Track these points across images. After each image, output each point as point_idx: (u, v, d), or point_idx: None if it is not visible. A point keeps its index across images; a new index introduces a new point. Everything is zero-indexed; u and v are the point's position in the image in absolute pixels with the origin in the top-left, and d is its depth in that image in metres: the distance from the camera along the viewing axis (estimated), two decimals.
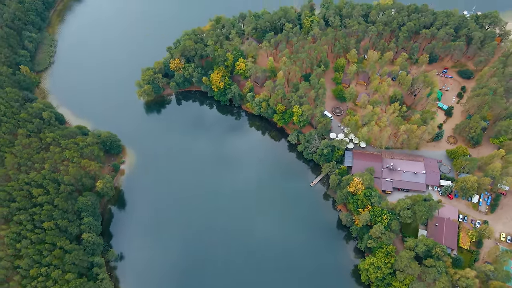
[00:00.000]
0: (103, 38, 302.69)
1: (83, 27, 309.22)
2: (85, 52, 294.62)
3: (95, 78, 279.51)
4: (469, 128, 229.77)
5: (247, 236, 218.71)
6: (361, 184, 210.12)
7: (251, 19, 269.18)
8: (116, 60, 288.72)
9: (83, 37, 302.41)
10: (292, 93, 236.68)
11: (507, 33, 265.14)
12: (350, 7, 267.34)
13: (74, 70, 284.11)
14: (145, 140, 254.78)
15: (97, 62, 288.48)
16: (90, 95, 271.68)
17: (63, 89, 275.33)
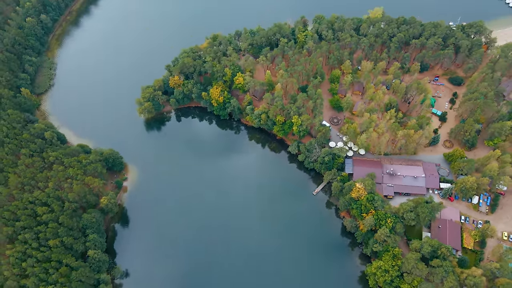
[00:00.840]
0: (101, 60, 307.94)
1: (81, 50, 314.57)
2: (84, 73, 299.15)
3: (95, 98, 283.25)
4: (464, 132, 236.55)
5: (251, 247, 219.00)
6: (363, 190, 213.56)
7: (247, 35, 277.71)
8: (115, 80, 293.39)
9: (82, 60, 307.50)
10: (291, 104, 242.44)
11: (493, 40, 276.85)
12: (342, 21, 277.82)
13: (74, 91, 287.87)
14: (147, 157, 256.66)
15: (96, 83, 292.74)
16: (91, 114, 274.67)
17: (64, 110, 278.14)
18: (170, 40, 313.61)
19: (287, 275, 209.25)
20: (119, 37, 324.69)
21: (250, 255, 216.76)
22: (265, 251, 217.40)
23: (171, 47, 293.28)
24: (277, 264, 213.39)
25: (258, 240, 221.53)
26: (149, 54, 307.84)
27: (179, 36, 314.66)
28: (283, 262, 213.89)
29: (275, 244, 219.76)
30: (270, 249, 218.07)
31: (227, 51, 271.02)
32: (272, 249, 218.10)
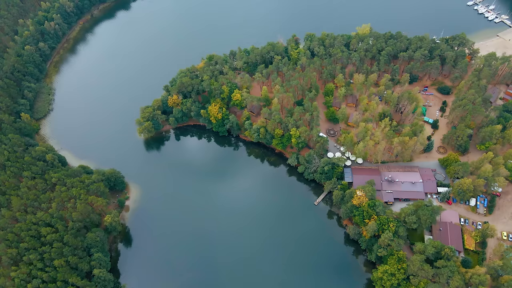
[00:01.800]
0: (98, 84, 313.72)
1: (79, 76, 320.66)
2: (82, 98, 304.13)
3: (94, 121, 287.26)
4: (456, 137, 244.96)
5: (256, 259, 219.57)
6: (364, 196, 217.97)
7: (242, 54, 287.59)
8: (112, 103, 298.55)
9: (80, 85, 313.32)
10: (288, 118, 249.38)
11: (476, 51, 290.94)
12: (332, 38, 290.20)
13: (73, 115, 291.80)
14: (148, 176, 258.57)
15: (94, 106, 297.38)
16: (90, 137, 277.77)
17: (63, 133, 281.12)
18: (165, 62, 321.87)
19: (291, 282, 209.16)
20: (115, 62, 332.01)
21: (254, 268, 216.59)
22: (270, 263, 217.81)
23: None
24: (283, 275, 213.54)
25: (262, 252, 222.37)
26: (145, 76, 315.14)
27: (175, 57, 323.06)
28: (289, 273, 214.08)
29: (280, 256, 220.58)
30: (275, 261, 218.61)
31: (223, 69, 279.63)
32: (278, 260, 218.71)
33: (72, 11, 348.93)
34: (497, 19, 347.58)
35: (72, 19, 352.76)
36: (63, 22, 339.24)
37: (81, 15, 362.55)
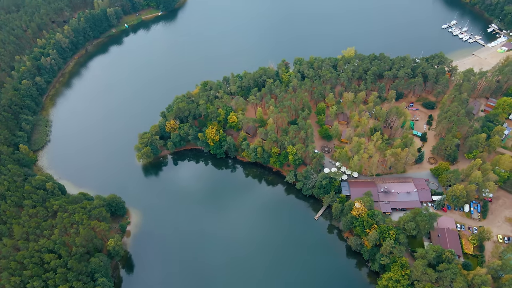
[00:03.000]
0: (95, 114, 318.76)
1: (75, 107, 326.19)
2: (79, 129, 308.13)
3: (92, 150, 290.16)
4: (444, 147, 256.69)
5: (260, 278, 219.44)
6: (363, 207, 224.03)
7: (235, 79, 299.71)
8: (110, 132, 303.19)
9: (76, 116, 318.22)
10: (284, 136, 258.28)
11: (454, 68, 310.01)
12: (320, 61, 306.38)
13: (70, 145, 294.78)
14: (148, 201, 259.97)
15: (91, 136, 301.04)
16: (88, 166, 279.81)
17: (61, 163, 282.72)
18: (160, 91, 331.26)
19: None
20: (110, 94, 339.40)
21: (258, 285, 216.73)
22: (274, 279, 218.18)
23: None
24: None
25: (266, 270, 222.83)
26: (141, 105, 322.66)
27: (169, 86, 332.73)
28: (290, 286, 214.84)
29: (284, 273, 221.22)
30: (279, 277, 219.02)
31: (218, 94, 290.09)
32: (281, 277, 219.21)
33: (67, 46, 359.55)
34: (471, 40, 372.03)
35: (67, 54, 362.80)
36: (59, 57, 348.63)
37: (76, 50, 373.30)
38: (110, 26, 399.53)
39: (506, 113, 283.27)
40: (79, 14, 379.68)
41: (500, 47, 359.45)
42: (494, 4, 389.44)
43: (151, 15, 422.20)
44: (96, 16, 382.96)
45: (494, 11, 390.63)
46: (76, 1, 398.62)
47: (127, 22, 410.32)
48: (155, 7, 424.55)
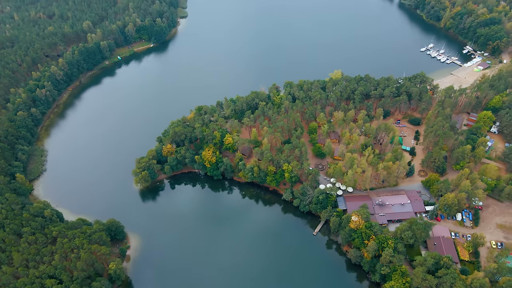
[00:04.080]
0: (90, 143, 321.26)
1: (69, 138, 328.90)
2: (75, 157, 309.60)
3: (88, 178, 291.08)
4: (433, 159, 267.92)
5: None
6: (360, 219, 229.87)
7: (229, 103, 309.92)
8: (105, 159, 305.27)
9: (72, 145, 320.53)
10: (279, 155, 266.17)
11: (436, 86, 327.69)
12: (309, 83, 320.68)
13: (66, 174, 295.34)
14: (147, 225, 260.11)
15: (87, 164, 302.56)
16: (85, 193, 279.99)
17: (57, 192, 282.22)
18: (155, 118, 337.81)
19: None
20: (104, 122, 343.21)
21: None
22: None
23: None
24: None
25: None
26: (136, 132, 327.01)
27: (163, 112, 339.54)
28: None
29: None
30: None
31: (213, 117, 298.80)
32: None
33: (62, 78, 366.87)
34: (448, 61, 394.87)
35: (62, 86, 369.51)
36: (53, 89, 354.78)
37: (70, 82, 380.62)
38: (103, 58, 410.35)
39: (488, 126, 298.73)
40: (73, 47, 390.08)
41: (476, 66, 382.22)
42: (467, 28, 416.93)
43: (143, 47, 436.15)
44: (90, 49, 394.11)
45: (468, 34, 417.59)
46: (69, 36, 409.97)
47: (119, 54, 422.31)
48: (147, 39, 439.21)
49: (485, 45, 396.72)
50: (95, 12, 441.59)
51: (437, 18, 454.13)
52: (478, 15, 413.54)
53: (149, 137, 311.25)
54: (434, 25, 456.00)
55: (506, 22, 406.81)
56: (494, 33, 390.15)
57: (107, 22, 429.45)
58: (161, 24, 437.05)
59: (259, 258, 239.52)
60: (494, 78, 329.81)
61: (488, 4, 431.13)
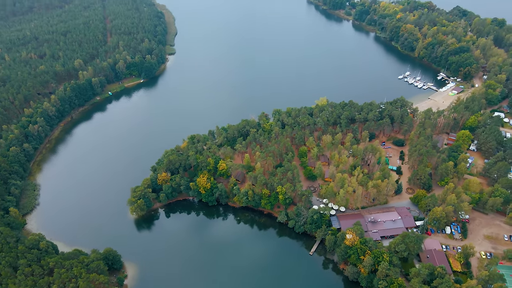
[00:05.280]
0: (83, 176, 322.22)
1: (63, 171, 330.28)
2: (68, 191, 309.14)
3: (82, 210, 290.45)
4: (419, 177, 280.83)
5: None
6: (354, 235, 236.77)
7: (220, 131, 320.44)
8: (99, 191, 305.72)
9: (65, 179, 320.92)
10: (273, 178, 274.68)
11: (416, 109, 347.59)
12: (296, 110, 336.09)
13: (60, 207, 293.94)
14: (144, 254, 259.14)
15: (81, 197, 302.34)
16: (79, 224, 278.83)
17: (51, 225, 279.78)
18: (147, 149, 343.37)
19: None
20: (97, 156, 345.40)
21: None
22: None
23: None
24: None
25: None
26: (129, 165, 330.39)
27: (156, 143, 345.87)
28: None
29: None
30: None
31: (206, 145, 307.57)
32: None
33: (54, 114, 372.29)
34: (425, 87, 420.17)
35: (54, 122, 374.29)
36: (46, 124, 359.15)
37: (62, 118, 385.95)
38: (95, 94, 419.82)
39: (467, 144, 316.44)
40: (65, 84, 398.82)
41: (450, 91, 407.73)
42: (439, 56, 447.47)
43: (133, 83, 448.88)
44: (82, 85, 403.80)
45: (440, 62, 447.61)
46: (61, 74, 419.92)
47: (110, 90, 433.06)
48: (137, 75, 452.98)
49: (457, 71, 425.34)
50: (86, 51, 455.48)
51: (411, 49, 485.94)
52: (448, 44, 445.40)
53: (142, 168, 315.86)
54: (409, 55, 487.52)
55: (474, 50, 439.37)
56: (464, 60, 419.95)
57: (98, 60, 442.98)
58: (150, 61, 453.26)
59: (257, 283, 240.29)
60: (468, 100, 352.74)
61: (457, 34, 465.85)
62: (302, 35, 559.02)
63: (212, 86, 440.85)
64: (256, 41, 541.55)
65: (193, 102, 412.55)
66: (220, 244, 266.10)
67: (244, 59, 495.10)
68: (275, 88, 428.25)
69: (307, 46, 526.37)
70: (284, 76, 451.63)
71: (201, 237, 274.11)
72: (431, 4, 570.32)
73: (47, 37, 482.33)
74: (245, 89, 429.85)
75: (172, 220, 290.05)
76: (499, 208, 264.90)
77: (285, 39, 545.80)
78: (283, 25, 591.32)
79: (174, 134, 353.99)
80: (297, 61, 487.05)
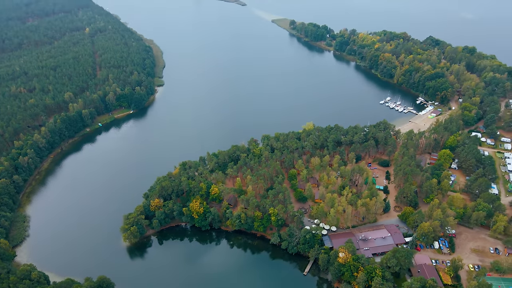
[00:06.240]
0: (73, 206, 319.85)
1: (54, 202, 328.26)
2: (59, 222, 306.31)
3: (74, 239, 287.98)
4: (405, 194, 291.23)
5: None
6: (347, 253, 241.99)
7: (211, 157, 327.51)
8: (90, 221, 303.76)
9: (55, 209, 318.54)
10: (265, 200, 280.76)
11: (398, 132, 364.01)
12: (284, 135, 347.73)
13: (50, 238, 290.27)
14: (137, 283, 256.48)
15: (72, 227, 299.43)
16: (71, 255, 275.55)
17: (42, 256, 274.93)
18: (138, 178, 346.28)
19: None
20: (87, 185, 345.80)
21: None
22: None
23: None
24: None
25: None
26: (120, 193, 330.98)
27: (147, 172, 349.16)
28: None
29: None
30: None
31: (198, 171, 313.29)
32: None
33: (44, 146, 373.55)
34: (405, 110, 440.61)
35: (44, 153, 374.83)
36: (36, 156, 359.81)
37: (52, 149, 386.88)
38: (85, 125, 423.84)
39: (448, 163, 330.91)
40: (55, 116, 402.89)
41: (430, 113, 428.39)
42: (417, 82, 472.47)
43: (123, 114, 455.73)
44: (72, 117, 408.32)
45: (418, 87, 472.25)
46: (51, 106, 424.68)
47: (100, 121, 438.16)
48: (127, 106, 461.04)
49: (434, 95, 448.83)
50: (76, 84, 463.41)
51: (390, 76, 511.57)
52: (424, 71, 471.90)
53: (134, 196, 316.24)
54: (388, 81, 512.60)
55: (449, 76, 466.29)
56: (440, 85, 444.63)
57: (88, 92, 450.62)
58: (140, 92, 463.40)
59: None
60: (447, 121, 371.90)
61: (431, 61, 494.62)
62: (287, 66, 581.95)
63: (201, 115, 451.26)
64: (242, 72, 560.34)
65: (183, 131, 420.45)
66: (214, 270, 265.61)
67: (231, 89, 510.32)
68: (263, 115, 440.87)
69: (292, 75, 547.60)
70: (271, 104, 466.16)
71: (195, 263, 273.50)
72: (406, 35, 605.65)
73: (37, 71, 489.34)
74: (234, 118, 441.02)
75: (165, 247, 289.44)
76: (483, 222, 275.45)
77: (270, 70, 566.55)
78: (268, 57, 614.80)
79: (165, 162, 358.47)
80: (283, 89, 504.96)
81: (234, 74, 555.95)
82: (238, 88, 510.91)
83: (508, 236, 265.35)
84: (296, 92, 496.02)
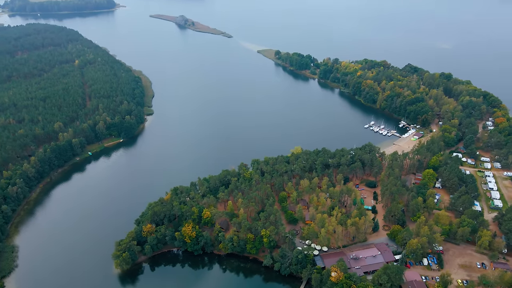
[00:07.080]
0: (62, 236, 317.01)
1: (43, 232, 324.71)
2: (48, 252, 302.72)
3: (63, 267, 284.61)
4: (393, 213, 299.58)
5: None
6: (339, 271, 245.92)
7: (202, 182, 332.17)
8: (81, 250, 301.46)
9: (44, 240, 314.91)
10: (257, 222, 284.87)
11: (383, 153, 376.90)
12: (273, 159, 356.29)
13: (40, 268, 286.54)
14: None
15: (62, 257, 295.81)
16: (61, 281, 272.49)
17: (31, 285, 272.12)
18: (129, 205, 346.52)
19: None
20: (76, 214, 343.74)
21: None
22: None
23: None
24: None
25: None
26: (111, 221, 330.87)
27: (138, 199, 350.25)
28: None
29: None
30: None
31: (189, 195, 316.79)
32: None
33: (33, 175, 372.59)
34: (389, 134, 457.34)
35: (33, 183, 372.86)
36: (25, 186, 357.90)
37: (41, 179, 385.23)
38: (74, 155, 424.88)
39: (432, 182, 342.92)
40: (45, 146, 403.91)
41: (412, 136, 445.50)
42: (398, 106, 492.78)
43: (113, 142, 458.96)
44: (62, 147, 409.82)
45: (400, 111, 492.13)
46: (40, 136, 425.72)
47: (90, 150, 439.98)
48: (116, 135, 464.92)
49: (416, 119, 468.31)
50: (66, 114, 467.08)
51: (373, 101, 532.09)
52: (405, 96, 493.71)
53: (125, 223, 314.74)
54: (372, 106, 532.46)
55: (428, 100, 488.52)
56: (420, 109, 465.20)
57: (78, 122, 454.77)
58: (130, 121, 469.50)
59: None
60: (429, 143, 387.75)
61: (411, 87, 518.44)
62: (273, 93, 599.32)
63: (190, 142, 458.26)
64: (230, 101, 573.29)
65: (173, 158, 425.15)
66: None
67: (219, 117, 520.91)
68: (251, 141, 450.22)
69: (279, 103, 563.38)
70: (259, 131, 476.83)
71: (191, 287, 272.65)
72: (386, 63, 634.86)
73: (26, 103, 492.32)
74: (223, 144, 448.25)
75: (157, 273, 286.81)
76: (469, 238, 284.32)
77: (257, 98, 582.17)
78: (254, 85, 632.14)
79: (156, 188, 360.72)
80: (270, 116, 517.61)
81: (223, 102, 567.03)
82: (227, 117, 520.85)
83: (493, 250, 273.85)
84: (284, 118, 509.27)
